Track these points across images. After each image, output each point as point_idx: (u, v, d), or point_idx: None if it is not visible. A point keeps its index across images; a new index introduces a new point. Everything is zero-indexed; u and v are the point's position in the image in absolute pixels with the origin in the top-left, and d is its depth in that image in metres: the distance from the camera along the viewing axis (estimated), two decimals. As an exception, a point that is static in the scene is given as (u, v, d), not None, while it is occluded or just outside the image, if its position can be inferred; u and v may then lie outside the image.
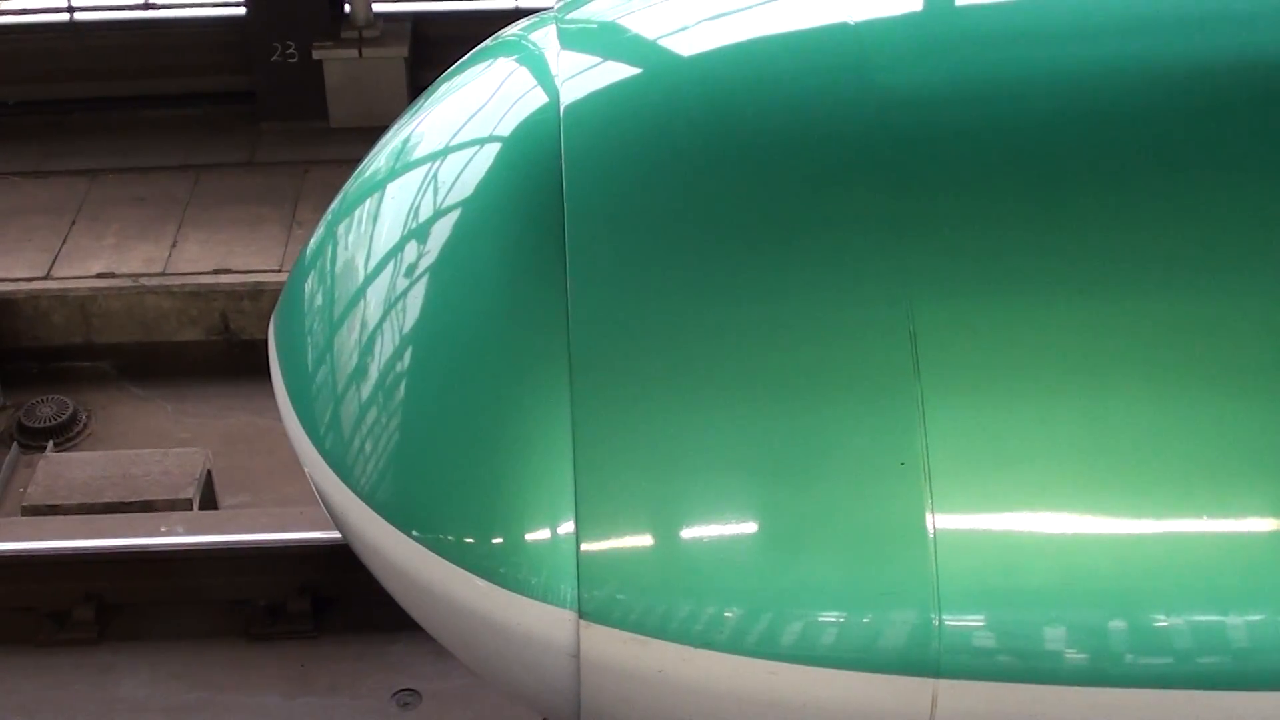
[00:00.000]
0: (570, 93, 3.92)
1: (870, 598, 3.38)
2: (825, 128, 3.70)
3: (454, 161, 4.03)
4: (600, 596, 3.43)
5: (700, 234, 3.59)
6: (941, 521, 3.34)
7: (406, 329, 3.77)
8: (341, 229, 4.22)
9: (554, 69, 4.05)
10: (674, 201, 3.65)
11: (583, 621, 3.46)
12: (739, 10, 4.15)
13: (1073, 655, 3.44)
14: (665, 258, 3.56)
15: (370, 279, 3.93)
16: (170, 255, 11.26)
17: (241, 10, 13.11)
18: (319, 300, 4.12)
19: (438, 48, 12.76)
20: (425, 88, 4.78)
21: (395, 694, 7.10)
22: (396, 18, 13.20)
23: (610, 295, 3.53)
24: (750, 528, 3.41)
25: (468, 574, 3.57)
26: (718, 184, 3.66)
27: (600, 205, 3.66)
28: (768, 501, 3.41)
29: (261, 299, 10.83)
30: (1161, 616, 3.41)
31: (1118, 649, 3.44)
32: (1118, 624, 3.42)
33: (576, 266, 3.55)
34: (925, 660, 3.40)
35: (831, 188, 3.62)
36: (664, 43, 4.10)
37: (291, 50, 12.85)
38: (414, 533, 3.64)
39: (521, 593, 3.51)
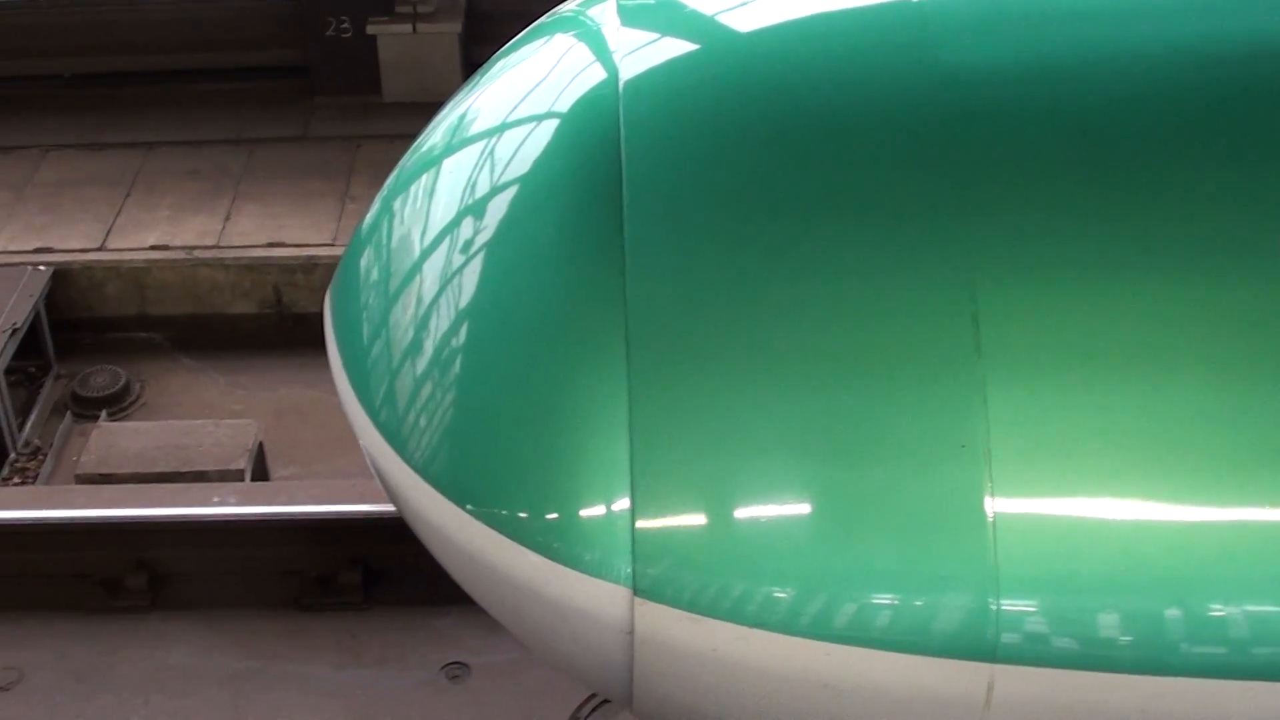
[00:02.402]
0: (629, 68, 3.90)
1: (928, 581, 3.37)
2: (888, 106, 3.68)
3: (512, 137, 4.02)
4: (655, 573, 3.43)
5: (760, 212, 3.57)
6: (1001, 505, 3.32)
7: (463, 303, 3.77)
8: (398, 204, 4.22)
9: (612, 44, 4.04)
10: (734, 179, 3.63)
11: (637, 598, 3.46)
12: (801, -13, 4.12)
13: (1131, 643, 3.42)
14: (725, 235, 3.55)
15: (427, 254, 3.93)
16: (224, 228, 11.30)
17: (296, -16, 13.15)
18: (375, 275, 4.12)
19: (492, 23, 12.75)
20: (479, 64, 4.77)
21: (444, 666, 7.11)
22: (452, -8, 13.21)
23: (668, 272, 3.52)
24: (807, 508, 3.40)
25: (522, 548, 3.58)
26: (778, 161, 3.64)
27: (660, 181, 3.64)
28: (825, 481, 3.39)
29: (314, 273, 10.86)
30: (1221, 606, 3.39)
31: (1176, 637, 3.42)
32: (1177, 612, 3.40)
33: (635, 242, 3.54)
34: (982, 645, 3.39)
35: (893, 167, 3.60)
36: (724, 18, 4.08)
37: (346, 25, 12.87)
38: (468, 506, 3.65)
39: (575, 568, 3.51)
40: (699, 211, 3.59)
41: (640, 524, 3.41)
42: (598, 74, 3.96)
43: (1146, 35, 3.83)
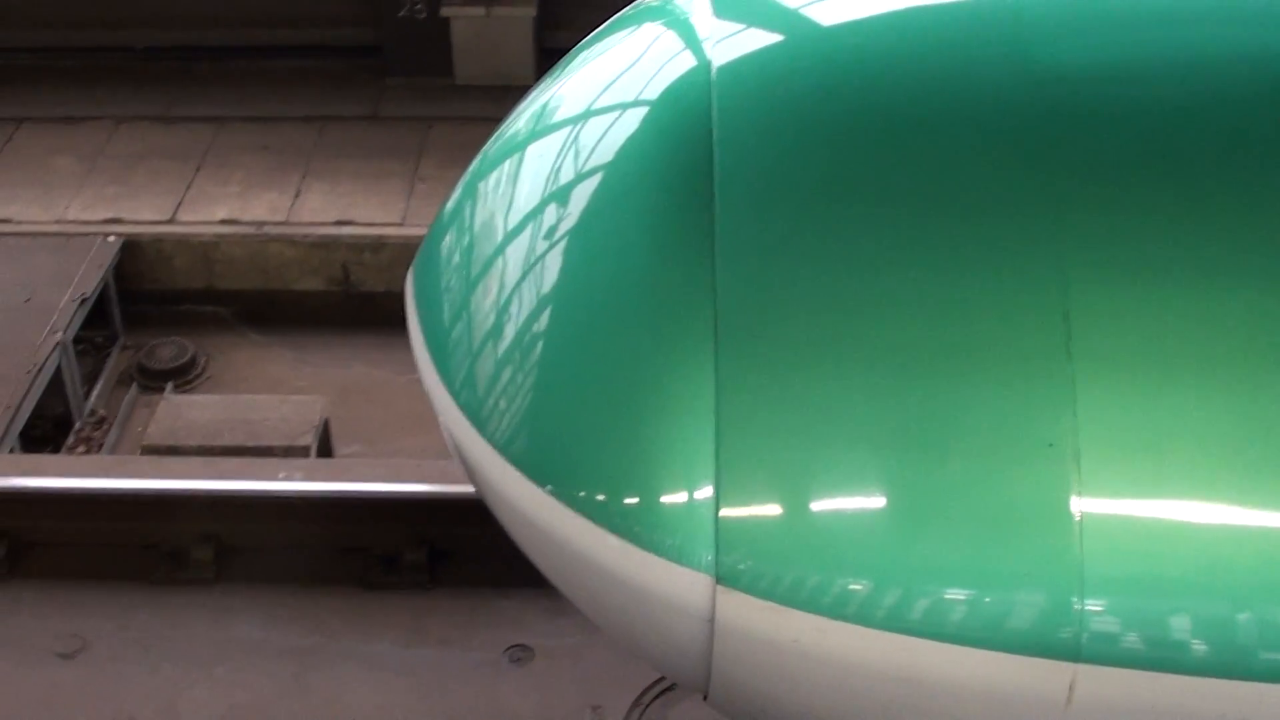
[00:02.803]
0: (721, 56, 3.90)
1: (1012, 578, 3.36)
2: (982, 103, 3.66)
3: (599, 124, 4.02)
4: (739, 562, 3.43)
5: (851, 203, 3.57)
6: (1088, 505, 3.30)
7: (549, 287, 3.77)
8: (483, 187, 4.23)
9: (703, 33, 4.03)
10: (826, 170, 3.62)
11: (720, 586, 3.46)
12: (896, -20, 4.11)
13: (1213, 647, 3.40)
14: (816, 226, 3.54)
15: (512, 237, 3.94)
16: (293, 205, 11.36)
17: (372, -36, 13.19)
18: (458, 257, 4.13)
19: (566, 8, 12.75)
20: (552, 49, 4.80)
21: (508, 649, 7.12)
22: (526, -24, 13.23)
23: (759, 261, 3.52)
24: (891, 500, 3.39)
25: (601, 530, 3.58)
26: (870, 153, 3.63)
27: (752, 170, 3.64)
28: (911, 476, 3.38)
29: (383, 252, 10.91)
30: None
31: (1259, 643, 3.39)
32: (1261, 618, 3.38)
33: (726, 231, 3.54)
34: (1066, 644, 3.37)
35: (987, 164, 3.58)
36: (817, 10, 4.06)
37: (420, 6, 12.89)
38: (549, 487, 3.66)
39: (656, 553, 3.52)
40: (790, 202, 3.58)
41: (725, 512, 3.41)
42: (689, 62, 3.95)
43: (1244, 38, 3.80)
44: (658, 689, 6.69)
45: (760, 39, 4.00)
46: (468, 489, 7.34)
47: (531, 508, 3.73)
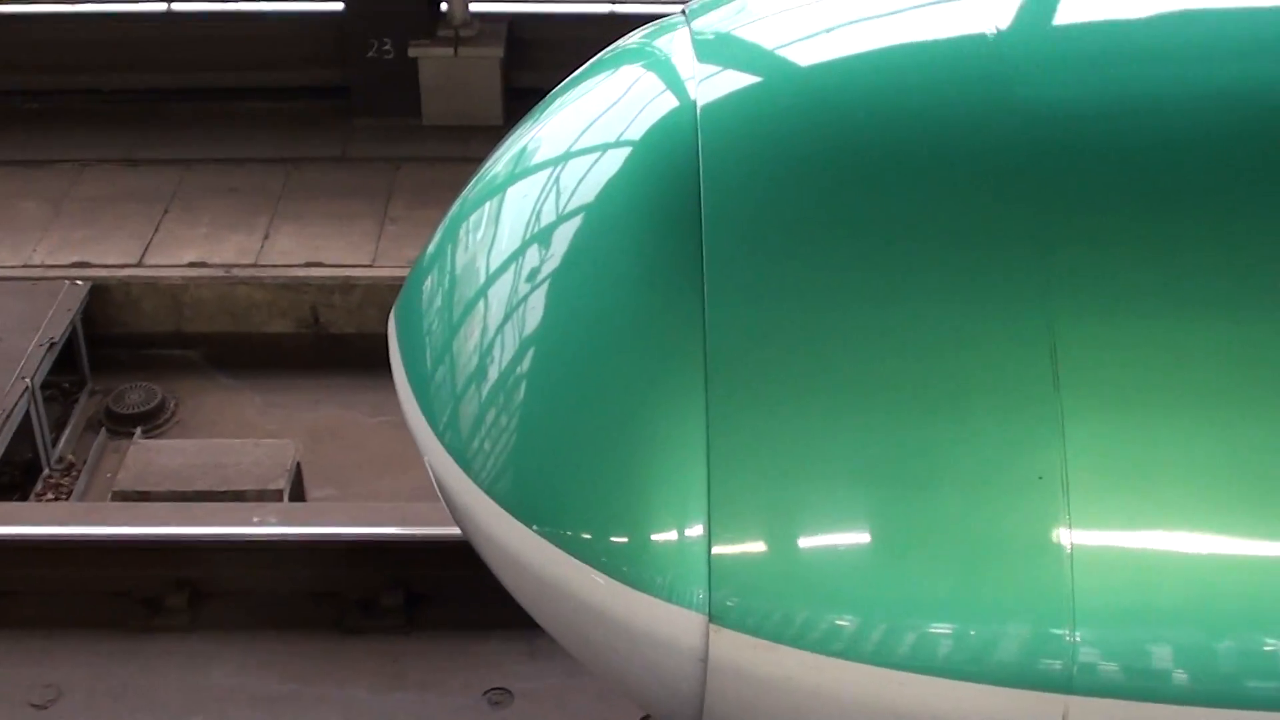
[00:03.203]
0: (706, 96, 3.90)
1: (1004, 611, 3.36)
2: (967, 139, 3.67)
3: (583, 164, 4.02)
4: (732, 600, 3.42)
5: (839, 241, 3.57)
6: (1079, 537, 3.31)
7: (533, 326, 3.76)
8: (464, 230, 4.23)
9: (686, 74, 4.04)
10: (814, 207, 3.63)
11: (712, 625, 3.44)
12: (877, 16, 4.12)
13: (1208, 676, 3.40)
14: (804, 263, 3.55)
15: (494, 278, 3.93)
16: (262, 247, 11.33)
17: (339, 6, 13.19)
18: (440, 299, 4.13)
19: (533, 49, 12.82)
20: (519, 89, 4.82)
21: (487, 692, 7.08)
22: (493, 18, 13.23)
23: (748, 299, 3.52)
24: (885, 537, 3.38)
25: (590, 569, 3.57)
26: (858, 191, 3.64)
27: (739, 210, 3.64)
28: (902, 511, 3.38)
29: (352, 293, 10.89)
30: None
31: (1252, 672, 3.40)
32: (1254, 646, 3.38)
33: (714, 268, 3.54)
34: (1059, 676, 3.37)
35: (972, 198, 3.59)
36: (802, 48, 4.08)
37: (387, 47, 12.92)
38: (535, 526, 3.64)
39: (647, 592, 3.50)
40: (778, 240, 3.58)
41: (717, 550, 3.40)
42: (673, 102, 3.96)
43: (1225, 74, 3.82)
44: (640, 730, 6.66)
45: (744, 79, 4.02)
46: (444, 531, 7.36)
47: (518, 547, 3.72)
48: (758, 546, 3.41)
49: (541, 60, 12.58)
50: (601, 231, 3.80)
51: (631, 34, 4.60)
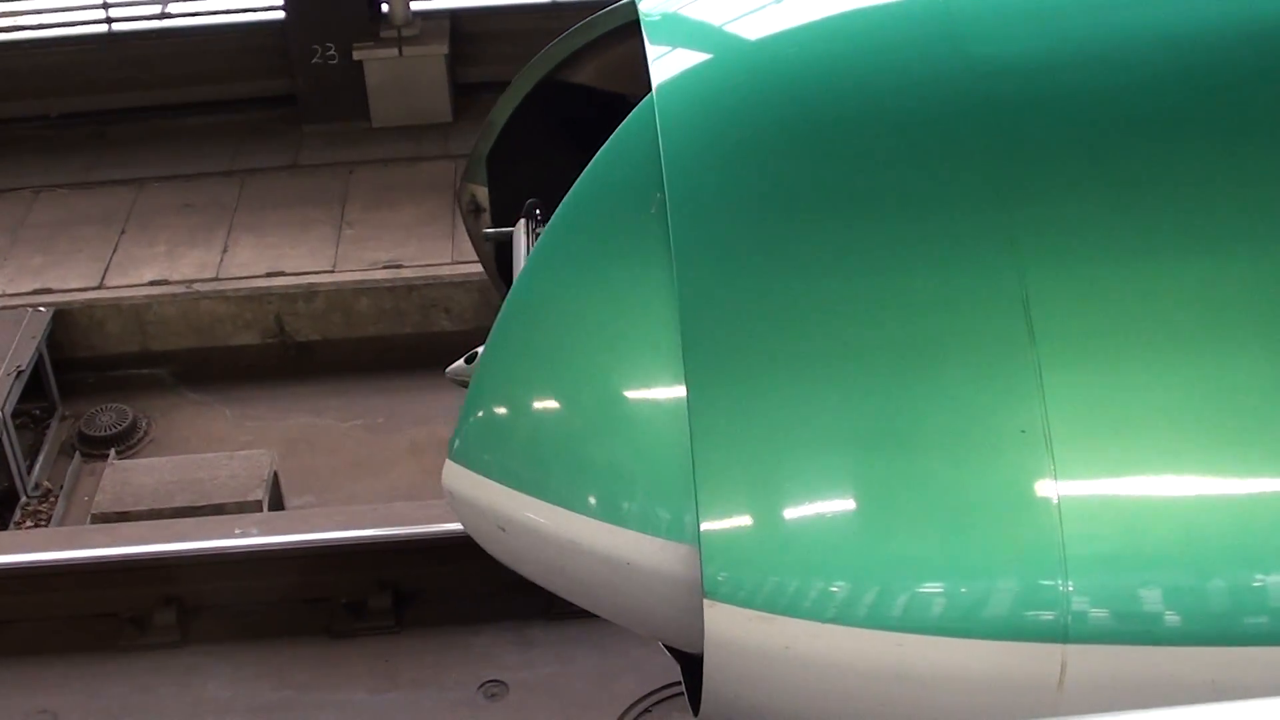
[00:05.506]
0: (661, 72, 3.92)
1: (997, 566, 3.39)
2: (924, 99, 3.71)
3: None
4: (723, 575, 3.44)
5: (805, 209, 3.60)
6: (1064, 488, 3.34)
7: (514, 306, 3.80)
8: None
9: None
10: (777, 177, 3.66)
11: (706, 600, 3.46)
12: (825, -14, 4.15)
13: (1199, 616, 3.44)
14: (772, 233, 3.57)
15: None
16: (222, 260, 11.29)
17: (280, 14, 13.12)
18: None
19: (478, 44, 12.75)
20: (466, 84, 4.83)
21: (481, 685, 7.10)
22: (435, 15, 13.17)
23: (719, 272, 3.54)
24: (871, 500, 3.41)
25: (584, 518, 3.66)
26: (819, 158, 3.67)
27: (702, 186, 3.66)
28: (887, 474, 3.41)
29: (315, 300, 10.86)
30: None
31: (1243, 608, 3.44)
32: (1242, 583, 3.42)
33: (682, 248, 3.56)
34: (1054, 626, 3.40)
35: (933, 160, 3.62)
36: (751, 21, 4.10)
37: (331, 52, 12.86)
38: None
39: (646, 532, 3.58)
40: (743, 213, 3.61)
41: (705, 526, 3.42)
42: None
43: (1171, 19, 3.86)
44: (634, 713, 6.69)
45: (697, 57, 4.04)
46: (427, 529, 7.39)
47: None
48: (744, 519, 3.43)
49: (487, 54, 12.54)
50: (569, 214, 3.83)
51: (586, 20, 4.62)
